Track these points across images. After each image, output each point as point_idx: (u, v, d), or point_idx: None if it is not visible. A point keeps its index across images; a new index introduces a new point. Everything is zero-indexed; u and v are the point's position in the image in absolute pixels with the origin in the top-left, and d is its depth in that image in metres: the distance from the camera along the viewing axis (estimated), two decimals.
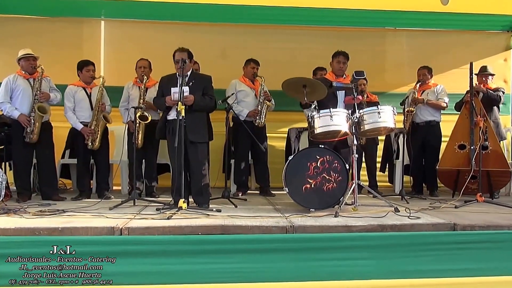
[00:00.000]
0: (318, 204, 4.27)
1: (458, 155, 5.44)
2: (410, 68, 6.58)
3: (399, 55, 7.19)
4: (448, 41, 7.12)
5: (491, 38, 7.21)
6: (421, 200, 5.27)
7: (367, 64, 6.39)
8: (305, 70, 6.23)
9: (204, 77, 4.74)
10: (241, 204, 4.82)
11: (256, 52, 6.17)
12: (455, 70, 6.89)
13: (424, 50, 7.03)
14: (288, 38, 6.95)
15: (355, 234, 3.58)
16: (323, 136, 4.48)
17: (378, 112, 4.30)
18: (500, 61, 7.18)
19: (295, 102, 5.54)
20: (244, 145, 5.69)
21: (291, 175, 4.33)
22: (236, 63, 6.43)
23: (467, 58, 6.13)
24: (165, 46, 5.49)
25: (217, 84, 5.45)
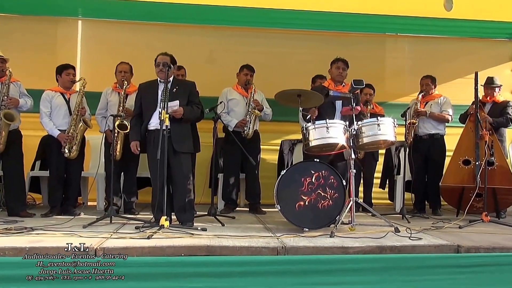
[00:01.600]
0: (312, 223, 4.27)
1: (462, 171, 5.50)
2: (411, 76, 6.68)
3: (400, 62, 7.31)
4: (452, 48, 7.26)
5: (497, 47, 7.37)
6: (423, 219, 5.31)
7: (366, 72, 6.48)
8: (298, 77, 6.35)
9: (187, 83, 4.76)
10: (229, 222, 4.81)
11: (247, 56, 6.22)
12: (460, 79, 7.01)
13: (426, 57, 7.15)
14: (281, 42, 7.03)
15: (352, 256, 3.58)
16: (319, 149, 4.50)
17: (378, 124, 4.33)
18: (506, 71, 7.32)
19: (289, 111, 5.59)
20: (233, 158, 5.70)
21: (284, 191, 4.33)
22: (225, 68, 6.49)
23: (472, 67, 6.24)
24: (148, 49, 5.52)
25: (203, 91, 5.49)
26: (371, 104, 6.03)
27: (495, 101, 5.84)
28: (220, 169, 6.00)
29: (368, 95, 6.00)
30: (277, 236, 4.00)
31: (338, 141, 4.33)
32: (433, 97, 5.93)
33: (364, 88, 5.87)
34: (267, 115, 5.80)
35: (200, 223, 4.53)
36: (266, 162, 6.53)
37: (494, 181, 5.31)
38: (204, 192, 5.35)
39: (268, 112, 5.78)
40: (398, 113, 5.67)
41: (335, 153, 4.58)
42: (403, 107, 5.94)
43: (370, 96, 6.01)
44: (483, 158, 5.17)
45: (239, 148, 5.23)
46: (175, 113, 4.34)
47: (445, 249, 3.74)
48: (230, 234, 4.03)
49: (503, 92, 6.28)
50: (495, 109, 5.78)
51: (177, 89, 4.51)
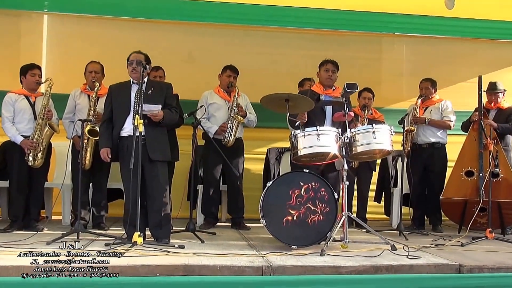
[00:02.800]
0: (301, 240, 4.28)
1: (465, 183, 5.56)
2: (410, 80, 6.76)
3: (397, 64, 7.39)
4: (454, 50, 7.37)
5: (502, 48, 7.48)
6: (422, 236, 5.35)
7: (360, 75, 6.61)
8: (287, 79, 6.40)
9: (163, 85, 4.75)
10: (209, 239, 4.79)
11: (230, 57, 6.23)
12: (462, 83, 7.11)
13: (426, 59, 7.24)
14: (268, 41, 7.07)
15: (345, 276, 3.59)
16: (309, 159, 4.52)
17: (373, 132, 4.37)
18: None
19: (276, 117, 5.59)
20: (214, 167, 5.69)
21: (270, 204, 4.33)
22: (205, 70, 6.49)
23: (475, 70, 6.36)
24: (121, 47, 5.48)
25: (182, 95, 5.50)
26: (370, 109, 6.06)
27: (500, 108, 5.92)
28: (200, 180, 5.99)
29: (367, 99, 6.04)
30: (262, 254, 3.99)
31: (330, 150, 4.34)
32: (433, 102, 5.99)
33: (363, 92, 5.93)
34: (251, 122, 5.81)
35: (177, 239, 4.50)
36: (251, 173, 6.54)
37: (499, 194, 5.36)
38: (182, 205, 5.31)
39: (252, 118, 5.79)
40: (395, 119, 5.73)
41: (327, 163, 4.60)
42: (401, 113, 5.99)
43: (368, 100, 6.06)
44: (487, 169, 5.23)
45: (220, 157, 5.22)
46: (154, 116, 4.32)
47: (446, 269, 3.77)
48: (210, 252, 4.01)
49: (508, 97, 6.37)
50: (500, 116, 5.85)
51: (152, 91, 4.49)
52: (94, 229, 5.17)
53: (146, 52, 4.63)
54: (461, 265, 3.79)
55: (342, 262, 3.75)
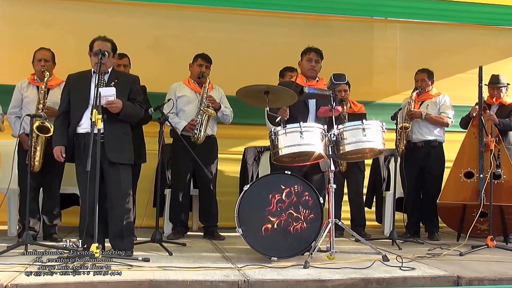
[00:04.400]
0: (282, 250, 4.28)
1: (464, 186, 5.63)
2: (404, 71, 6.84)
3: (390, 53, 7.46)
4: (452, 37, 7.47)
5: (506, 36, 7.61)
6: (417, 245, 5.42)
7: (349, 65, 6.63)
8: (267, 70, 6.39)
9: (129, 76, 4.73)
10: (178, 250, 4.78)
11: (202, 44, 6.23)
12: (461, 75, 7.22)
13: (422, 48, 7.33)
14: (246, 27, 7.07)
15: None
16: (291, 159, 4.53)
17: (363, 129, 4.39)
18: None
19: (254, 112, 5.63)
20: (184, 169, 5.67)
21: (247, 211, 4.33)
22: (174, 59, 6.49)
23: (475, 60, 6.45)
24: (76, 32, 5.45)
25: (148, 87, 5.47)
26: (348, 103, 6.11)
27: (502, 103, 6.02)
28: (167, 184, 5.97)
29: (343, 92, 6.06)
30: (239, 268, 3.99)
31: (315, 149, 4.36)
32: (430, 96, 6.06)
33: None
34: (227, 116, 5.79)
35: (142, 251, 4.48)
36: (225, 175, 6.55)
37: (501, 197, 5.44)
38: (147, 212, 5.29)
39: (227, 113, 5.78)
40: (388, 115, 5.77)
41: (311, 163, 4.61)
42: (394, 107, 6.04)
43: (345, 92, 6.08)
44: (488, 170, 5.30)
45: (191, 157, 5.20)
46: (111, 105, 4.29)
47: (443, 281, 3.81)
48: (180, 265, 4.00)
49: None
50: (502, 112, 5.95)
51: (115, 83, 4.47)
52: (45, 241, 5.11)
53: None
54: (460, 277, 3.84)
55: (328, 275, 3.77)
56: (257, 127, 6.34)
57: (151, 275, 3.64)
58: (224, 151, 6.32)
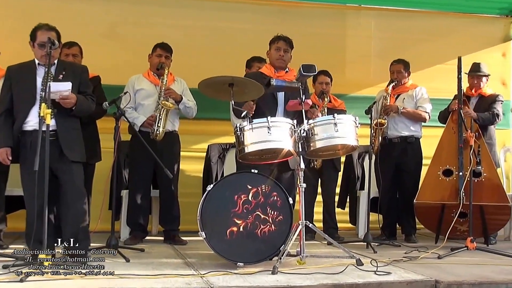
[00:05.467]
0: (249, 255, 4.30)
1: (443, 184, 5.73)
2: (379, 61, 6.91)
3: (364, 43, 7.52)
4: (430, 26, 7.57)
5: (486, 25, 7.77)
6: (394, 248, 5.49)
7: (320, 55, 6.66)
8: (233, 60, 6.42)
9: (77, 67, 4.70)
10: (136, 256, 4.76)
11: (162, 32, 6.22)
12: (440, 66, 7.33)
13: (398, 37, 7.42)
14: (210, 14, 7.05)
15: None
16: (258, 157, 4.54)
17: (335, 124, 4.42)
18: (496, 56, 7.71)
19: (218, 106, 5.63)
20: (142, 168, 5.65)
21: (210, 213, 4.33)
22: (132, 49, 6.47)
23: (455, 50, 6.53)
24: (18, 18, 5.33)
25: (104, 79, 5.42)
26: (328, 96, 6.15)
27: (482, 94, 6.14)
28: (124, 184, 5.94)
29: (324, 84, 6.12)
30: (202, 274, 3.99)
31: (283, 146, 4.38)
32: (406, 89, 6.15)
33: (319, 75, 5.98)
34: (189, 109, 5.77)
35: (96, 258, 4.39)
36: (187, 175, 6.53)
37: (481, 196, 5.55)
38: (102, 215, 5.23)
39: (190, 105, 5.75)
40: (362, 108, 5.82)
41: (280, 161, 4.63)
42: (368, 100, 6.11)
43: (326, 85, 6.14)
44: (468, 168, 5.39)
45: (150, 155, 5.17)
46: (64, 101, 4.24)
47: (420, 286, 3.87)
48: (137, 272, 3.98)
49: (492, 82, 6.60)
50: (482, 104, 6.07)
51: (64, 75, 4.43)
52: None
53: (55, 24, 4.52)
54: (438, 281, 3.91)
55: (298, 281, 3.79)
56: (222, 122, 6.34)
57: (106, 283, 3.62)
58: (186, 148, 6.29)
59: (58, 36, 4.49)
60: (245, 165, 4.66)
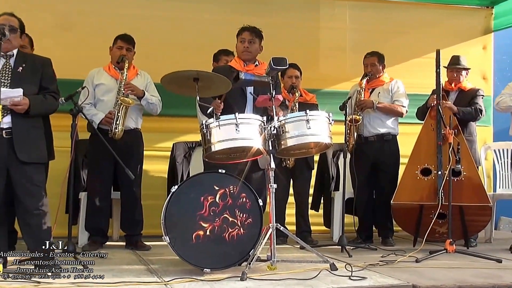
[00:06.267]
0: (216, 261, 4.29)
1: (421, 184, 5.77)
2: (354, 54, 6.92)
3: (339, 35, 7.55)
4: (408, 18, 7.65)
5: (466, 17, 7.86)
6: (370, 252, 5.54)
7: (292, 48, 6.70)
8: (199, 53, 6.40)
9: (38, 59, 4.60)
10: (96, 263, 4.66)
11: (124, 23, 6.17)
12: (417, 60, 7.41)
13: (374, 29, 7.48)
14: (175, 4, 7.00)
15: None
16: (225, 156, 4.54)
17: (307, 120, 4.43)
18: (477, 49, 7.81)
19: (184, 102, 5.60)
20: (102, 169, 5.61)
21: (175, 216, 4.31)
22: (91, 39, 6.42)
23: (433, 43, 6.62)
24: None
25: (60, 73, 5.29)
26: (299, 91, 6.16)
27: (461, 89, 6.20)
28: (83, 186, 5.89)
29: (294, 78, 6.13)
30: (166, 282, 3.98)
31: (253, 144, 4.38)
32: (381, 82, 6.19)
33: (288, 69, 5.96)
34: (153, 105, 5.72)
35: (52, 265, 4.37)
36: (151, 175, 6.51)
37: (461, 196, 5.59)
38: (58, 220, 5.16)
39: (153, 101, 5.71)
40: (336, 104, 5.85)
41: (248, 160, 4.63)
42: (343, 96, 6.15)
43: (296, 79, 6.15)
44: (447, 166, 5.43)
45: (110, 155, 5.12)
46: (16, 107, 4.18)
47: None
48: (97, 280, 3.93)
49: (473, 77, 6.68)
50: (462, 99, 6.14)
51: (24, 68, 4.37)
52: None
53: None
54: (415, 285, 3.94)
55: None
56: (188, 119, 6.32)
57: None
58: (150, 147, 6.27)
59: (21, 25, 4.43)
60: (212, 165, 4.65)
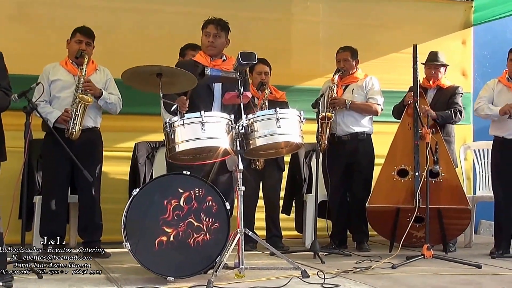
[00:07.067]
0: (181, 268, 4.29)
1: (397, 186, 5.84)
2: (328, 49, 6.93)
3: (312, 29, 7.57)
4: (385, 11, 7.71)
5: (445, 10, 7.92)
6: (344, 258, 5.57)
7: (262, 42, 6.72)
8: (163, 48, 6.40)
9: None
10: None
11: (83, 15, 6.15)
12: (394, 55, 7.47)
13: (350, 23, 7.52)
14: None
15: None
16: (191, 157, 4.53)
17: (277, 119, 4.44)
18: (456, 44, 7.90)
19: (146, 99, 5.59)
20: (58, 170, 5.57)
21: (136, 221, 4.30)
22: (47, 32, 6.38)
23: (410, 37, 6.68)
24: None
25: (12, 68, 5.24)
26: (268, 88, 6.16)
27: (440, 86, 6.27)
28: (37, 189, 5.85)
29: (263, 74, 6.13)
30: None
31: (220, 144, 4.38)
32: (355, 79, 6.22)
33: (257, 65, 5.96)
34: (112, 105, 5.71)
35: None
36: (111, 177, 6.48)
37: (439, 199, 5.68)
38: (11, 225, 5.11)
39: (112, 100, 5.70)
40: (308, 102, 5.89)
41: (215, 161, 4.63)
42: (316, 93, 6.18)
43: (265, 75, 6.14)
44: (425, 167, 5.48)
45: (67, 155, 5.09)
46: None
47: None
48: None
49: (452, 73, 6.75)
50: (441, 96, 6.21)
51: None
52: None
53: None
54: None
55: None
56: (151, 117, 6.29)
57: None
58: (110, 147, 6.26)
59: None
60: (176, 166, 4.65)
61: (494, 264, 5.28)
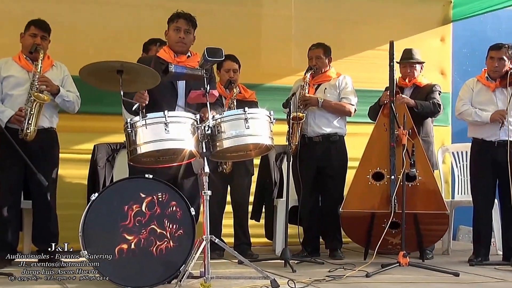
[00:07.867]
0: (143, 278, 4.29)
1: (372, 190, 5.87)
2: (300, 46, 6.96)
3: (284, 24, 7.59)
4: (360, 6, 7.75)
5: (423, 5, 8.01)
6: (316, 266, 5.59)
7: (230, 38, 6.72)
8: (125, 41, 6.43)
9: None
10: (3, 283, 4.66)
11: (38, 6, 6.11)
12: (370, 52, 7.53)
13: (323, 18, 7.57)
14: None
15: None
16: (153, 159, 4.52)
17: (246, 119, 4.43)
18: (434, 41, 8.00)
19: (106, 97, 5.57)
20: (11, 174, 5.52)
21: (95, 228, 4.29)
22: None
23: (387, 34, 6.73)
24: None
25: None
26: (237, 86, 6.17)
27: (417, 85, 6.35)
28: None
29: (232, 72, 6.12)
30: None
31: (184, 146, 4.37)
32: (327, 78, 6.25)
33: (225, 62, 5.96)
34: (70, 103, 5.67)
35: None
36: (68, 182, 6.46)
37: (415, 203, 5.72)
38: None
39: (70, 98, 5.65)
40: (279, 101, 5.91)
41: (180, 164, 4.63)
42: (287, 92, 6.19)
43: (234, 73, 6.14)
44: (401, 170, 5.52)
45: (20, 158, 5.04)
46: None
47: None
48: None
49: (430, 72, 6.82)
50: (418, 95, 6.27)
51: None
52: None
53: None
54: None
55: None
56: (111, 117, 6.29)
57: None
58: (67, 149, 6.23)
59: None
60: (138, 169, 4.63)
61: (473, 271, 5.35)
